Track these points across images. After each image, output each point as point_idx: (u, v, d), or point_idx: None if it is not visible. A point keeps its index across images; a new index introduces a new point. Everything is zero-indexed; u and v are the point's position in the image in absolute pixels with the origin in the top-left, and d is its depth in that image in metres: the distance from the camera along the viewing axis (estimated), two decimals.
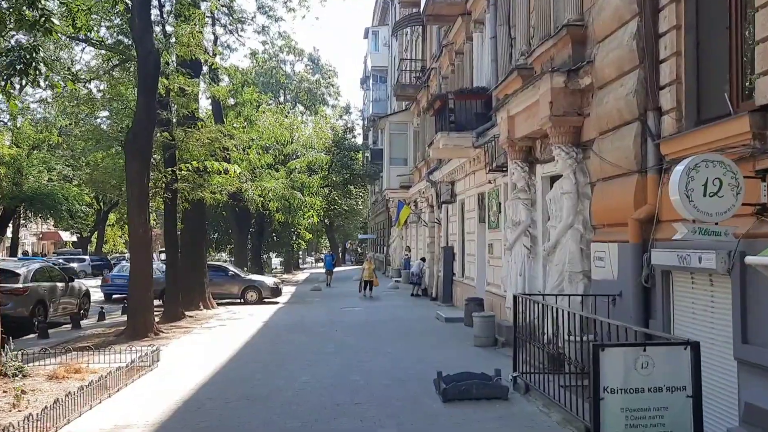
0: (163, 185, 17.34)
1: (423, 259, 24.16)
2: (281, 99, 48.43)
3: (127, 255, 51.08)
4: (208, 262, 24.21)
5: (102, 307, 19.56)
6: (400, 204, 26.93)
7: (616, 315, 7.67)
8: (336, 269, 41.34)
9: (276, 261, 58.20)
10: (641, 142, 7.79)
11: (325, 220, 58.88)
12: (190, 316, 17.84)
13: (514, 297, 8.46)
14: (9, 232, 51.27)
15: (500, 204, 14.61)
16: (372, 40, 48.35)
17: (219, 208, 32.37)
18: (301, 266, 63.26)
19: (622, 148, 8.07)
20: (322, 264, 70.66)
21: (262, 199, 28.55)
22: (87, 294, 19.02)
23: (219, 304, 21.66)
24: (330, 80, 52.24)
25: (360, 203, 63.55)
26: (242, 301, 23.16)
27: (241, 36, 30.27)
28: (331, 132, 40.98)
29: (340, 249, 75.78)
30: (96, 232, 57.81)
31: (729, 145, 6.18)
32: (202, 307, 19.80)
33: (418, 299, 23.18)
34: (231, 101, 31.64)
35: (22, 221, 50.33)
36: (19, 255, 49.03)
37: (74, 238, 61.95)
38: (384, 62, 46.74)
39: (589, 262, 9.31)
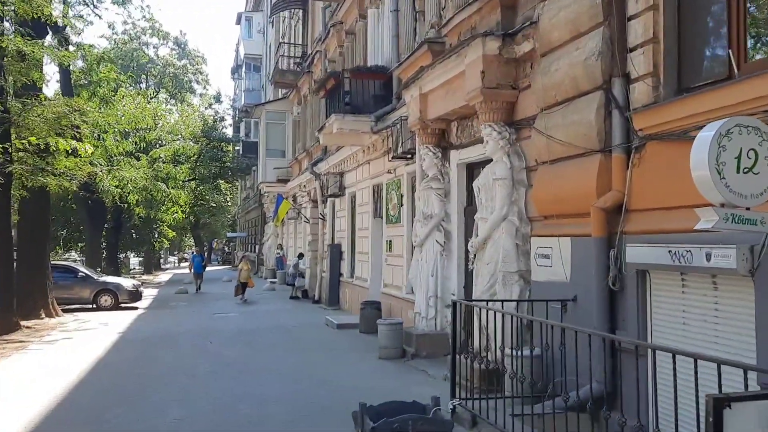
0: None
1: (300, 256, 22.15)
2: (143, 85, 44.32)
3: None
4: (53, 262, 20.78)
5: None
6: (279, 198, 24.77)
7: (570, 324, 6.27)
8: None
9: (135, 261, 53.54)
10: (605, 116, 6.45)
11: (191, 217, 55.20)
12: (28, 327, 14.76)
13: (454, 303, 6.83)
14: None
15: (402, 196, 13.07)
16: (245, 26, 45.52)
17: (68, 200, 28.47)
18: (163, 266, 58.81)
19: (579, 124, 6.71)
20: (188, 265, 66.43)
21: (119, 190, 25.35)
22: None
23: (66, 311, 18.53)
24: (198, 67, 48.59)
25: (229, 199, 60.19)
26: (95, 306, 20.04)
27: (97, 6, 26.53)
28: (200, 120, 37.76)
29: (206, 248, 71.67)
30: None
31: (735, 115, 4.91)
32: (43, 315, 16.64)
33: (298, 302, 21.20)
34: (84, 81, 28.03)
35: None
36: None
37: None
38: (258, 50, 44.16)
39: (527, 261, 7.93)
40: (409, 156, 12.23)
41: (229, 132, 46.04)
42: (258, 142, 33.81)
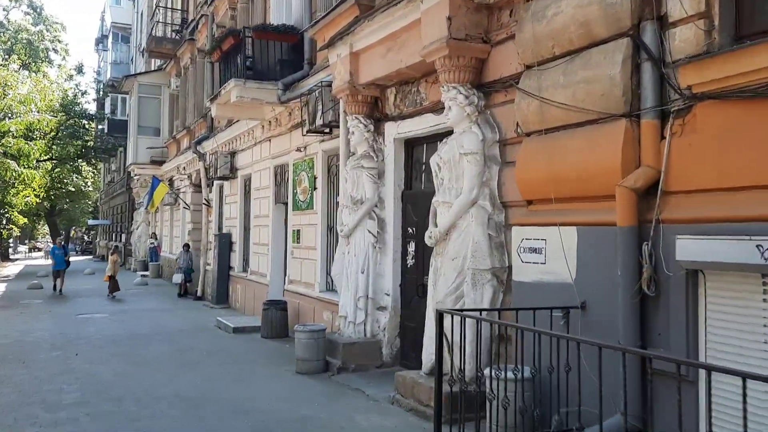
0: None
1: (187, 247, 19.51)
2: None
3: None
4: None
5: None
6: (154, 180, 21.82)
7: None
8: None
9: None
10: (632, 70, 5.01)
11: (45, 202, 49.54)
12: None
13: (440, 314, 5.10)
14: None
15: (316, 178, 11.18)
16: None
17: None
18: (11, 257, 52.54)
19: (594, 81, 5.23)
20: (41, 255, 59.77)
21: None
22: None
23: None
24: (56, 34, 43.36)
25: (90, 184, 54.83)
26: None
27: None
28: (58, 93, 33.30)
29: (62, 237, 65.11)
30: None
31: None
32: None
33: (178, 300, 18.60)
34: None
35: None
36: None
37: None
38: (127, 19, 40.20)
39: (502, 256, 6.39)
40: (327, 131, 10.38)
41: (92, 108, 41.36)
42: (128, 120, 30.26)
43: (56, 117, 28.81)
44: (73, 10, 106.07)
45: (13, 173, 23.27)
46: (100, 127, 38.61)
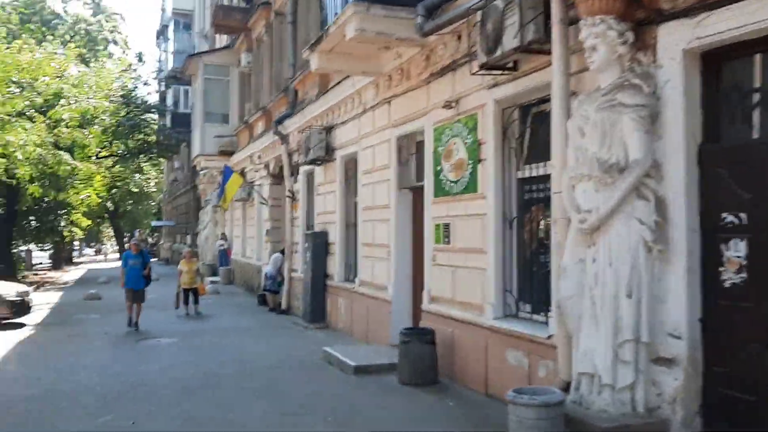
0: None
1: (283, 251, 15.83)
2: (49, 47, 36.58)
3: None
4: None
5: None
6: (227, 171, 18.39)
7: None
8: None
9: (41, 255, 45.44)
10: None
11: (109, 204, 47.50)
12: None
13: None
14: None
15: (480, 145, 7.36)
16: None
17: None
18: (76, 260, 50.86)
19: None
20: (102, 259, 58.03)
21: (5, 161, 18.52)
22: None
23: None
24: (115, 25, 41.07)
25: (153, 184, 52.75)
26: None
27: None
28: (118, 83, 30.52)
29: (126, 239, 63.38)
30: None
31: None
32: None
33: (260, 313, 15.12)
34: None
35: None
36: None
37: None
38: (188, 4, 37.35)
39: None
40: (509, 65, 6.57)
41: (153, 100, 38.78)
42: (192, 108, 27.24)
43: (114, 104, 25.80)
44: (133, 8, 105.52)
45: (67, 167, 20.31)
46: (161, 122, 36.00)
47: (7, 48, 21.04)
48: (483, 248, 7.26)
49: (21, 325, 13.98)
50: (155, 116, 35.27)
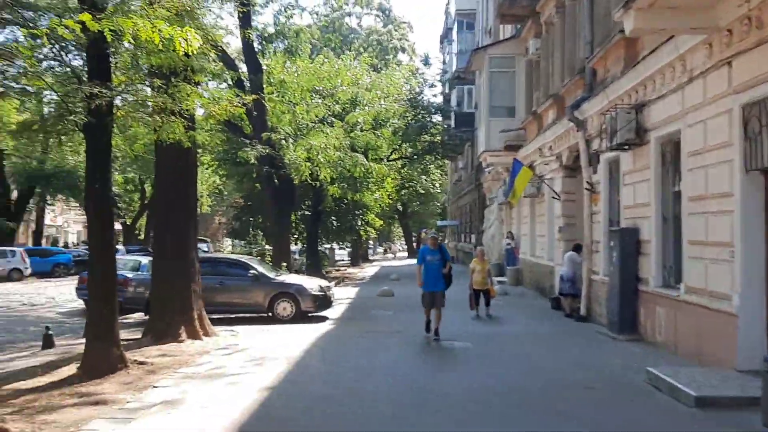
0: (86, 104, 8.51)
1: (578, 248, 14.38)
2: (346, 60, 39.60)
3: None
4: (218, 255, 15.67)
5: (48, 327, 11.32)
6: (516, 164, 17.32)
7: None
8: (413, 261, 32.73)
9: (341, 253, 49.56)
10: None
11: (398, 204, 50.02)
12: (141, 363, 9.10)
13: None
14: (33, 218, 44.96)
15: None
16: None
17: (253, 178, 23.68)
18: (370, 258, 54.56)
19: None
20: (391, 257, 61.41)
21: (309, 164, 19.86)
22: None
23: (231, 322, 13.45)
24: (404, 33, 42.97)
25: (437, 185, 54.28)
26: (270, 315, 14.47)
27: None
28: (406, 87, 31.53)
29: (414, 238, 66.46)
30: (141, 219, 50.59)
31: None
32: (184, 336, 11.13)
33: (565, 321, 13.70)
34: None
35: (48, 204, 43.65)
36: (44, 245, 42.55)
37: (118, 226, 55.08)
38: (471, 4, 37.34)
39: None
40: None
41: (438, 102, 39.58)
42: (476, 106, 26.92)
43: (402, 107, 26.48)
44: (418, 16, 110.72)
45: (362, 168, 21.23)
46: (445, 123, 36.54)
47: (311, 62, 22.76)
48: None
49: (324, 319, 14.59)
50: (440, 118, 35.95)
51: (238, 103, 9.36)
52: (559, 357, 9.50)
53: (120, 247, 41.25)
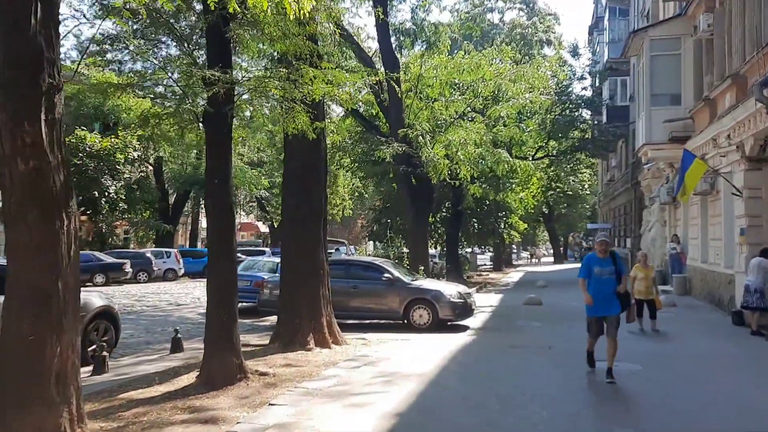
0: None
1: (766, 253, 12.08)
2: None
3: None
4: (351, 258, 14.89)
5: (177, 331, 11.05)
6: (686, 156, 14.96)
7: None
8: (559, 267, 30.34)
9: (483, 257, 47.88)
10: None
11: (544, 207, 47.50)
12: (263, 374, 8.32)
13: None
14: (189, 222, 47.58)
15: None
16: None
17: (390, 177, 22.83)
18: (513, 263, 52.32)
19: None
20: (535, 262, 58.59)
21: (448, 162, 18.64)
22: (107, 316, 10.37)
23: (363, 327, 12.72)
24: (549, 25, 40.53)
25: (587, 187, 50.94)
26: (405, 322, 13.42)
27: None
28: (553, 81, 29.39)
29: (561, 243, 63.11)
30: None
31: None
32: (312, 344, 10.33)
33: (753, 341, 11.42)
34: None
35: (202, 208, 45.99)
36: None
37: (266, 229, 57.09)
38: None
39: None
40: None
41: (587, 95, 36.85)
42: (633, 96, 24.35)
43: (549, 100, 24.46)
44: (565, 8, 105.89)
45: (505, 165, 19.67)
46: (596, 119, 33.83)
47: (451, 58, 21.56)
48: None
49: (464, 328, 13.32)
50: (589, 113, 33.36)
51: (364, 84, 8.36)
52: (765, 389, 7.54)
53: (266, 249, 42.61)
